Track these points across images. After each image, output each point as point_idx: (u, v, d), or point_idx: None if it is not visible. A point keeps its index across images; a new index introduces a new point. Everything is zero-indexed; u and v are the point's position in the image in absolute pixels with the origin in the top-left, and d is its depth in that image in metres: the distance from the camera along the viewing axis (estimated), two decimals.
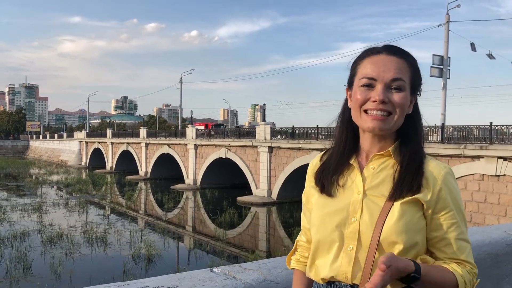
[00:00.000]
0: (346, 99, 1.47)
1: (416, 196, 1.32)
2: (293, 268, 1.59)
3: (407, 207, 1.31)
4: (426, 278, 1.24)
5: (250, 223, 24.89)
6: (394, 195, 1.32)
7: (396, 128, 1.38)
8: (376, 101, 1.33)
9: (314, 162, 1.55)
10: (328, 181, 1.44)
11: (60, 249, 17.04)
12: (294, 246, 1.62)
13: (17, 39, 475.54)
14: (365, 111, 1.36)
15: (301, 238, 1.60)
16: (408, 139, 1.40)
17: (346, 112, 1.47)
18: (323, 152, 1.55)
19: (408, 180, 1.33)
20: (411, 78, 1.38)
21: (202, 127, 48.02)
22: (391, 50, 1.38)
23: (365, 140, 1.43)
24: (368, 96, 1.35)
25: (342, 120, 1.49)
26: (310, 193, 1.51)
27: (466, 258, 1.34)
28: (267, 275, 1.80)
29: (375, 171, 1.40)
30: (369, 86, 1.35)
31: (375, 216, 1.32)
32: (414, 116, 1.42)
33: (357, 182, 1.40)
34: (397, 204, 1.31)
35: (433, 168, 1.36)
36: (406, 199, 1.31)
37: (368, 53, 1.40)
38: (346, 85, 1.47)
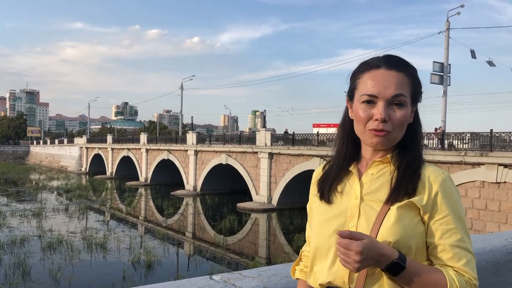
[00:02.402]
0: (347, 109, 1.48)
1: (411, 199, 1.32)
2: (297, 278, 1.60)
3: (403, 211, 1.31)
4: (412, 270, 1.23)
5: (250, 230, 24.83)
6: (391, 199, 1.33)
7: (397, 141, 1.39)
8: (378, 119, 1.33)
9: (317, 171, 1.57)
10: (327, 188, 1.46)
11: (60, 255, 17.00)
12: (299, 256, 1.63)
13: (21, 44, 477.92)
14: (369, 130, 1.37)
15: (305, 248, 1.61)
16: (407, 146, 1.41)
17: (346, 123, 1.48)
18: (326, 162, 1.57)
19: (405, 184, 1.34)
20: (412, 90, 1.38)
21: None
22: (391, 63, 1.37)
23: (366, 151, 1.45)
24: (371, 114, 1.35)
25: (343, 131, 1.50)
26: (312, 201, 1.53)
27: (464, 266, 1.28)
28: (267, 283, 1.79)
29: (374, 177, 1.41)
30: (370, 102, 1.36)
31: (372, 220, 1.32)
32: (414, 125, 1.43)
33: (355, 188, 1.41)
34: (393, 208, 1.31)
35: (430, 173, 1.36)
36: (402, 203, 1.32)
37: (367, 67, 1.40)
38: (347, 95, 1.47)
